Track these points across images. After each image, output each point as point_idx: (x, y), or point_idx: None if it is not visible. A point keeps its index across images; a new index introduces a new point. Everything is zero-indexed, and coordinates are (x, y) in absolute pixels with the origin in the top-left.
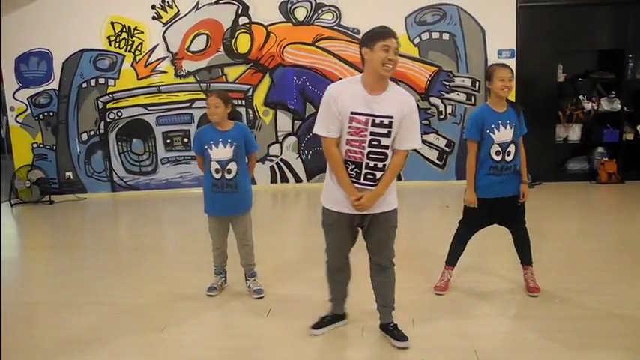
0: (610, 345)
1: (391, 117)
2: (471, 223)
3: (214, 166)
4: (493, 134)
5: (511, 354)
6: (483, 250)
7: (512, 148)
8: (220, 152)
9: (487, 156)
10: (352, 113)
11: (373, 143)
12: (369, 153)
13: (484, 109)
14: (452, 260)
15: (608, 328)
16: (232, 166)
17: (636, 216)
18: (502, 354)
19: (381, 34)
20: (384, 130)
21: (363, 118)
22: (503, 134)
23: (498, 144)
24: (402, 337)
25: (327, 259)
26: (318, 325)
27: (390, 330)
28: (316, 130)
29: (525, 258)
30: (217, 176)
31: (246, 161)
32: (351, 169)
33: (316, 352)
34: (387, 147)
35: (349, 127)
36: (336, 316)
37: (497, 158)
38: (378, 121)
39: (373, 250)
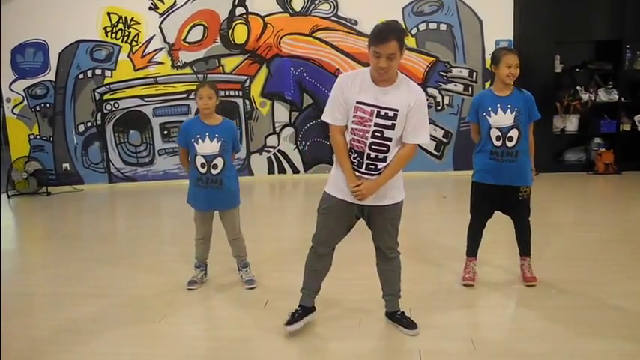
0: (608, 335)
1: (396, 109)
2: (475, 211)
3: (200, 160)
4: (489, 117)
5: (508, 343)
6: (482, 241)
7: (514, 134)
8: (206, 147)
9: (487, 140)
10: (358, 103)
11: (376, 134)
12: (372, 144)
13: (484, 92)
14: (470, 251)
15: (605, 319)
16: (218, 161)
17: (633, 206)
18: (499, 343)
19: (374, 38)
20: (388, 123)
21: (368, 109)
22: (502, 118)
23: (497, 128)
24: (412, 325)
25: (313, 245)
26: (290, 322)
27: (399, 318)
28: (324, 117)
29: (524, 249)
30: (203, 171)
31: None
32: (354, 158)
33: (314, 342)
34: (389, 139)
35: (354, 117)
36: (305, 309)
37: (498, 143)
38: (382, 112)
39: (375, 237)
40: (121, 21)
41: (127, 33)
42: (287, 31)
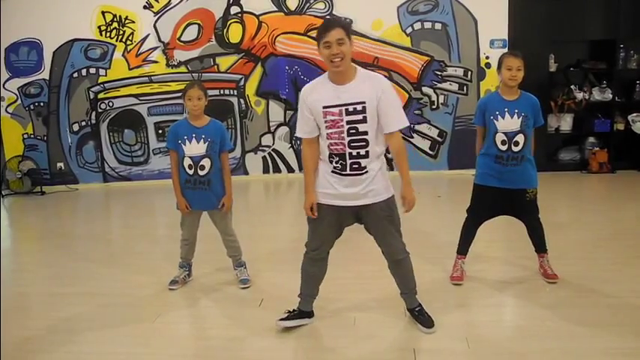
0: (602, 333)
1: (363, 102)
2: (474, 211)
3: (187, 161)
4: (496, 121)
5: (503, 342)
6: (479, 239)
7: (520, 138)
8: (193, 148)
9: (492, 144)
10: (324, 107)
11: (351, 131)
12: (350, 142)
13: (491, 96)
14: (462, 249)
15: (600, 316)
16: (206, 162)
17: (627, 205)
18: (493, 342)
19: (321, 30)
20: (359, 117)
21: (336, 110)
22: (509, 123)
23: (503, 132)
24: (428, 323)
25: (307, 250)
26: (284, 318)
27: (416, 315)
28: (297, 134)
29: (540, 246)
30: (190, 172)
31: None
32: (336, 162)
33: (309, 342)
34: (365, 133)
35: (325, 122)
36: (302, 313)
37: (503, 147)
38: (351, 109)
39: (378, 242)
40: (115, 20)
41: (121, 32)
42: (282, 30)
